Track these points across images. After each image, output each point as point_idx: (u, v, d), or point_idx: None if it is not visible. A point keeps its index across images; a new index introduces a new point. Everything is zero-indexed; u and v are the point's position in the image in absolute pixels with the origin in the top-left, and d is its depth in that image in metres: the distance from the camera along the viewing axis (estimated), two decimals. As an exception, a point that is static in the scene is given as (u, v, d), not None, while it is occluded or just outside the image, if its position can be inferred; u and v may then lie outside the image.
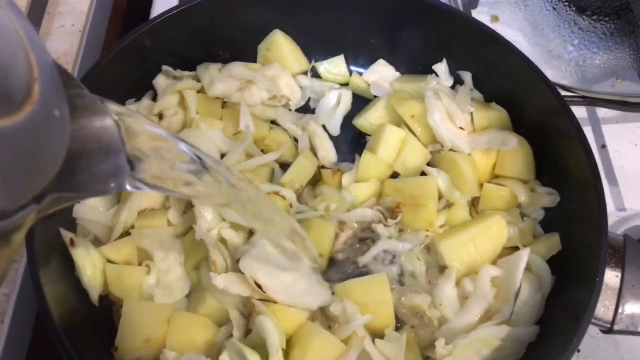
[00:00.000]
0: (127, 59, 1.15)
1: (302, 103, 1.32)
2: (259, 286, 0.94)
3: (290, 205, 1.12)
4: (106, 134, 0.53)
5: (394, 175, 1.18)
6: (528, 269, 1.00)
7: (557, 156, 1.09)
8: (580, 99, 1.28)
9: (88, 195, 0.52)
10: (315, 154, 1.22)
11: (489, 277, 1.00)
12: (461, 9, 1.45)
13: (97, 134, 0.53)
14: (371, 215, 1.08)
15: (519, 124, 1.18)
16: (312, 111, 1.31)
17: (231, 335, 0.97)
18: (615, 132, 1.38)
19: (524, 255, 0.99)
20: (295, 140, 1.24)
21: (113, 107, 0.55)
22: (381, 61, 1.32)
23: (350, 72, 1.34)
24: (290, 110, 1.29)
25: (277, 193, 1.12)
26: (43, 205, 0.45)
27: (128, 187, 0.55)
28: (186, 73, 1.23)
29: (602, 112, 1.41)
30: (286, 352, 0.93)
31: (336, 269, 1.09)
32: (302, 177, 1.17)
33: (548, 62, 1.46)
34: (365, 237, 1.10)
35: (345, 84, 1.34)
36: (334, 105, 1.28)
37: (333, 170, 1.18)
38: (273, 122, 1.28)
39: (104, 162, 0.53)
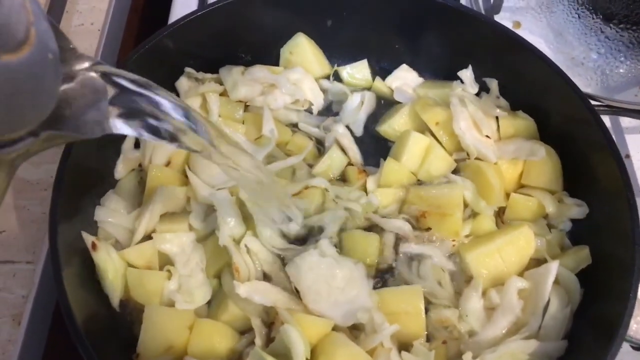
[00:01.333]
0: (150, 61, 1.13)
1: (324, 106, 1.30)
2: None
3: (327, 190, 1.11)
4: (91, 83, 0.61)
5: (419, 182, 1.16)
6: (556, 282, 0.98)
7: (586, 167, 1.08)
8: (606, 109, 1.27)
9: (78, 137, 0.59)
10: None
11: (516, 289, 0.99)
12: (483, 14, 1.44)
13: (83, 82, 0.60)
14: (407, 231, 1.06)
15: (546, 133, 1.16)
16: (334, 114, 1.29)
17: (253, 344, 0.96)
18: (639, 142, 1.36)
19: (553, 268, 0.97)
20: (318, 143, 1.23)
21: (102, 67, 0.62)
22: (404, 66, 1.30)
23: (373, 77, 1.32)
24: (312, 113, 1.28)
25: (306, 187, 1.11)
26: (39, 140, 0.53)
27: (113, 130, 0.64)
28: (208, 75, 1.22)
29: (625, 121, 1.39)
30: (310, 362, 0.91)
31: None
32: (334, 168, 1.17)
33: (571, 69, 1.44)
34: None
35: (367, 89, 1.32)
36: (358, 105, 1.26)
37: (359, 169, 1.17)
38: (294, 125, 1.26)
39: (89, 107, 0.60)
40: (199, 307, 1.01)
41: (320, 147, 1.23)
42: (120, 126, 0.64)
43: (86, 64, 0.61)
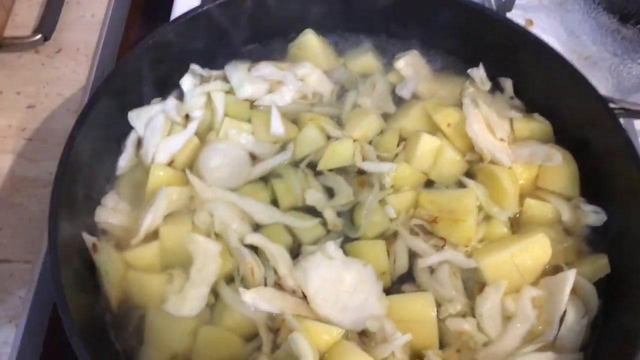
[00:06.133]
0: (154, 57, 1.11)
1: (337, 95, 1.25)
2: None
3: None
4: None
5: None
6: (573, 291, 0.95)
7: (604, 172, 1.05)
8: (622, 111, 1.23)
9: None
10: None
11: (530, 298, 0.96)
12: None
13: None
14: (425, 249, 1.02)
15: (562, 136, 1.13)
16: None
17: (258, 351, 0.93)
18: (653, 146, 1.33)
19: (570, 277, 0.94)
20: None
21: None
22: (414, 52, 1.26)
23: (382, 68, 1.27)
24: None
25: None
26: None
27: None
28: (214, 73, 1.19)
29: (639, 124, 1.36)
30: (318, 372, 0.88)
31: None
32: (371, 131, 1.15)
33: (584, 70, 1.39)
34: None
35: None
36: (369, 87, 1.22)
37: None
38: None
39: None
40: (203, 313, 0.97)
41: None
42: None
43: None
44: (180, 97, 1.17)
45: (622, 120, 1.32)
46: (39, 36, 1.35)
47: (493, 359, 0.92)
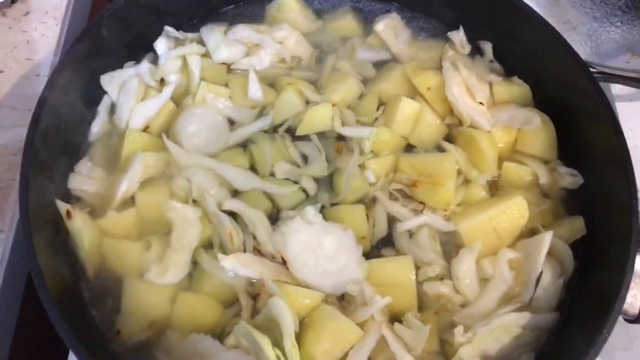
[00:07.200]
0: (126, 19, 1.07)
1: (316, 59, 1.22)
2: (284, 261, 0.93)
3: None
4: None
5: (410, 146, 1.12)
6: (549, 253, 0.96)
7: (582, 136, 1.05)
8: (600, 75, 1.23)
9: None
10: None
11: (507, 260, 0.97)
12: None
13: None
14: (405, 213, 1.02)
15: (541, 100, 1.13)
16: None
17: (238, 316, 0.93)
18: (630, 111, 1.33)
19: (547, 239, 0.95)
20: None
21: None
22: (394, 15, 1.24)
23: (362, 30, 1.26)
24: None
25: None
26: None
27: None
28: (189, 35, 1.16)
29: (616, 88, 1.36)
30: (298, 335, 0.88)
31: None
32: (350, 95, 1.13)
33: (563, 34, 1.40)
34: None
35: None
36: (349, 51, 1.20)
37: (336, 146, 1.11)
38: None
39: None
40: (181, 279, 0.96)
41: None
42: None
43: None
44: (155, 60, 1.14)
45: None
46: (6, -3, 1.30)
47: (471, 320, 0.93)
